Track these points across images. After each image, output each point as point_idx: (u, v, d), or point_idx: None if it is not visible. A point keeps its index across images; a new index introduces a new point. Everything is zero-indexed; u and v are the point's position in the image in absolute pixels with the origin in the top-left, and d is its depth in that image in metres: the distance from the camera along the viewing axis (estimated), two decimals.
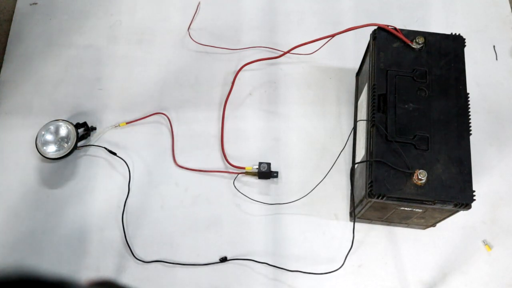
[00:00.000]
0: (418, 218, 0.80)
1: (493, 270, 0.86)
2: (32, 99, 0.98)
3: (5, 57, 1.02)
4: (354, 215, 0.81)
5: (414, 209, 0.75)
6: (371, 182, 0.70)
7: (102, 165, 0.93)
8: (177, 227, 0.89)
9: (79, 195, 0.91)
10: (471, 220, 0.88)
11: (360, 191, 0.77)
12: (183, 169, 0.92)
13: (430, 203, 0.70)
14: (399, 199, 0.70)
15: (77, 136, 0.91)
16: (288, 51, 0.99)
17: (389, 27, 0.80)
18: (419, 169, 0.69)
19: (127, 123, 0.96)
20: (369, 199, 0.71)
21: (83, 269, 0.85)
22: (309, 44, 0.96)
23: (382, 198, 0.70)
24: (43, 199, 0.90)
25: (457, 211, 0.72)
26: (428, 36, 0.80)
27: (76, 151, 0.93)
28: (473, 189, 0.70)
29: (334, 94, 0.99)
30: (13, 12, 1.07)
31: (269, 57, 1.01)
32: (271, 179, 0.92)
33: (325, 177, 0.90)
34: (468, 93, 0.77)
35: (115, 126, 0.96)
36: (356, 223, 0.79)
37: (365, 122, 0.80)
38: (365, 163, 0.75)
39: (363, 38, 0.86)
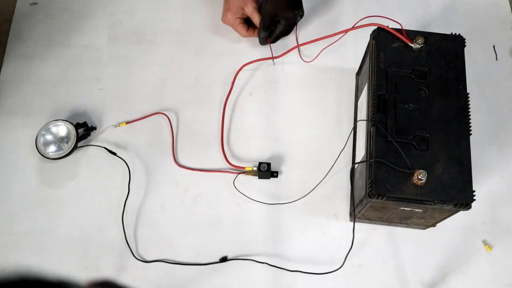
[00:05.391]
0: (418, 218, 0.80)
1: (493, 270, 0.86)
2: (32, 99, 0.98)
3: (5, 57, 1.02)
4: (354, 215, 0.81)
5: (414, 209, 0.75)
6: (371, 182, 0.70)
7: (102, 165, 0.93)
8: (177, 227, 0.89)
9: (79, 195, 0.91)
10: (471, 220, 0.88)
11: (360, 191, 0.77)
12: (183, 169, 0.92)
13: (430, 203, 0.70)
14: (399, 199, 0.70)
15: (77, 136, 0.91)
16: (288, 51, 0.99)
17: (391, 27, 0.80)
18: (419, 169, 0.69)
19: (127, 123, 0.96)
20: (369, 199, 0.71)
21: (83, 269, 0.85)
22: (309, 44, 0.96)
23: (382, 198, 0.70)
24: (43, 199, 0.90)
25: (457, 211, 0.72)
26: (428, 36, 0.80)
27: (76, 151, 0.93)
28: (473, 189, 0.70)
29: (334, 94, 0.99)
30: (13, 12, 1.06)
31: (269, 57, 1.01)
32: (271, 179, 0.92)
33: (325, 177, 0.90)
34: (468, 93, 0.77)
35: (115, 126, 0.96)
36: (356, 223, 0.79)
37: (365, 122, 0.80)
38: (365, 163, 0.75)
39: (363, 38, 0.86)
